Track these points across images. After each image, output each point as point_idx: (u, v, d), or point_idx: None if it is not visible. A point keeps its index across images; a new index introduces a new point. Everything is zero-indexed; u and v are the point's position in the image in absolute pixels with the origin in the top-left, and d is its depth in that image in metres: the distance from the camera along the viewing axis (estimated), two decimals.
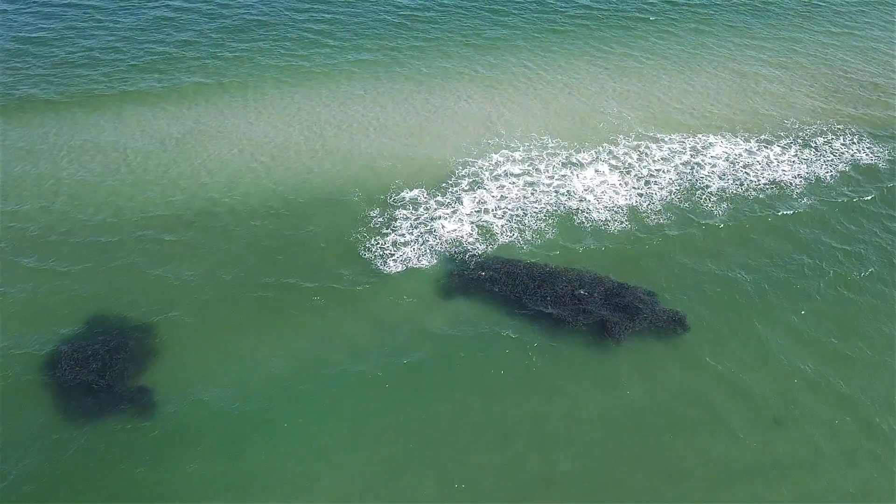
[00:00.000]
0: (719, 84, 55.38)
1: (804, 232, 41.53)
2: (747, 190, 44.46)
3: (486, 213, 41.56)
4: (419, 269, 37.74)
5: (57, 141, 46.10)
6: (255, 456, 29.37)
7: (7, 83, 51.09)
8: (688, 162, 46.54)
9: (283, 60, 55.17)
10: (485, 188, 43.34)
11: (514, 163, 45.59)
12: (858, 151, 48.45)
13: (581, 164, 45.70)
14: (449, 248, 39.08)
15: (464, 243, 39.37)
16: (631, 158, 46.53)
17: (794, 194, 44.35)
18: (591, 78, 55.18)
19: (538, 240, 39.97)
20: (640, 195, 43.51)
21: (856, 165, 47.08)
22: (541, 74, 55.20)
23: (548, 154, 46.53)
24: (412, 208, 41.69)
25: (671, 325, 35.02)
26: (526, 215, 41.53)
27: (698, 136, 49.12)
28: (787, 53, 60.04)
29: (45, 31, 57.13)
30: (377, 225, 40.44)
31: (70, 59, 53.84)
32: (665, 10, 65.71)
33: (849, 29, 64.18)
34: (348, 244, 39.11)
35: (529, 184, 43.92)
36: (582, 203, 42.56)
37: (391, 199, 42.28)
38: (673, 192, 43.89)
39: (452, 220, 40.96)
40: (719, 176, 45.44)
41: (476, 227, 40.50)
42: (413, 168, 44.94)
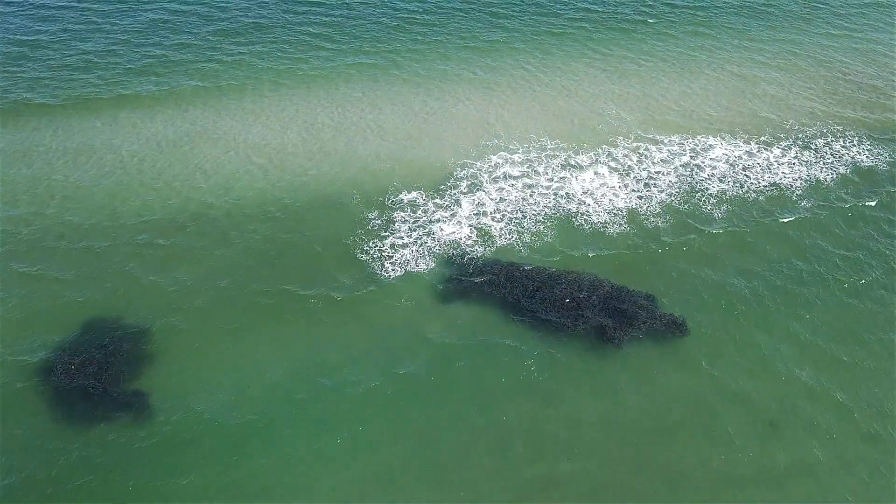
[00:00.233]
0: (718, 86, 55.18)
1: (803, 237, 41.18)
2: (747, 192, 44.20)
3: (484, 215, 41.27)
4: (417, 272, 37.44)
5: (52, 145, 45.76)
6: (252, 463, 29.00)
7: (3, 87, 50.76)
8: (687, 164, 46.29)
9: (281, 63, 54.93)
10: (483, 190, 43.06)
11: (512, 165, 45.31)
12: (859, 154, 48.23)
13: (580, 167, 45.44)
14: (447, 250, 38.81)
15: (462, 246, 39.09)
16: (630, 160, 46.27)
17: (794, 196, 44.10)
18: (589, 80, 54.97)
19: (537, 242, 39.69)
20: (640, 198, 43.24)
21: (856, 168, 46.83)
22: (539, 77, 54.98)
23: (546, 156, 46.27)
24: (410, 210, 41.39)
25: (671, 328, 34.73)
26: (525, 218, 41.25)
27: (698, 137, 48.90)
28: (787, 56, 59.87)
29: (42, 33, 56.86)
30: (375, 227, 40.15)
31: (66, 63, 53.55)
32: (664, 12, 65.56)
33: (848, 31, 64.06)
34: (346, 247, 38.79)
35: (528, 186, 43.65)
36: (581, 206, 42.29)
37: (389, 201, 42.00)
38: (672, 194, 43.63)
39: (451, 222, 40.67)
40: (719, 178, 45.18)
41: (475, 230, 40.21)
42: (411, 170, 44.66)
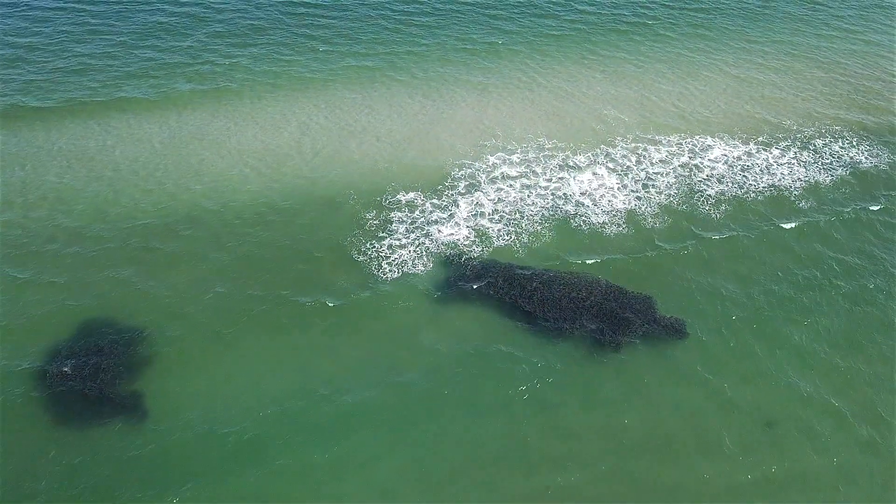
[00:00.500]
0: (717, 88, 55.03)
1: (801, 242, 40.80)
2: (746, 192, 43.98)
3: (482, 216, 41.00)
4: (414, 274, 37.09)
5: (46, 147, 45.43)
6: (245, 476, 28.41)
7: None
8: (686, 164, 46.07)
9: (278, 65, 54.73)
10: (481, 191, 42.79)
11: (510, 165, 45.08)
12: (857, 155, 48.05)
13: (578, 167, 45.22)
14: (445, 251, 38.50)
15: (460, 247, 38.80)
16: (629, 161, 46.06)
17: (793, 197, 43.88)
18: (587, 81, 54.82)
19: (535, 243, 39.40)
20: (638, 198, 42.99)
21: (854, 170, 46.61)
22: (537, 78, 54.82)
23: (545, 156, 46.05)
24: (408, 211, 41.12)
25: (669, 332, 34.33)
26: (523, 219, 40.97)
27: (696, 138, 48.71)
28: (785, 57, 59.79)
29: (38, 36, 56.62)
30: (372, 228, 39.84)
31: (62, 66, 53.25)
32: (662, 14, 65.50)
33: (847, 33, 64.01)
34: (342, 250, 38.37)
35: (526, 186, 43.40)
36: (579, 207, 42.04)
37: (387, 201, 41.72)
38: (671, 195, 43.38)
39: (449, 223, 40.40)
40: (718, 179, 44.96)
41: (472, 231, 39.93)
42: (409, 171, 44.39)
